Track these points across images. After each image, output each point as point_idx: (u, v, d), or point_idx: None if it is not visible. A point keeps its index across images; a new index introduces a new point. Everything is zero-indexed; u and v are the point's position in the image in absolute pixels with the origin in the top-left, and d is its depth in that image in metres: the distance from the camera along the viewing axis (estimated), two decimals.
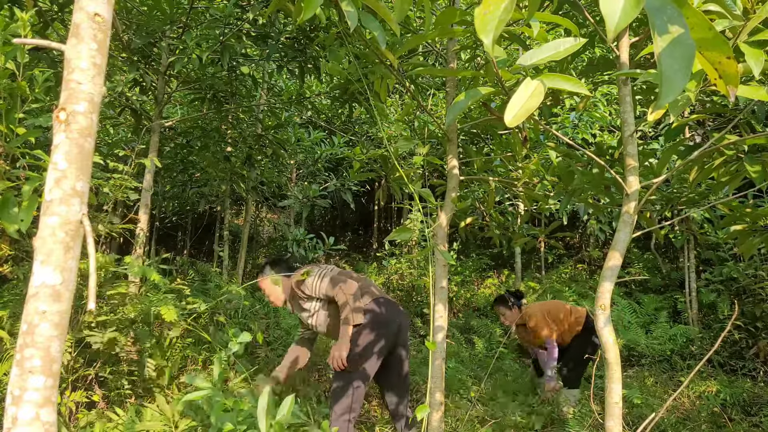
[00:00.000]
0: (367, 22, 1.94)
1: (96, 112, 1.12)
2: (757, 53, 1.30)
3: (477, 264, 8.56)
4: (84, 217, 1.08)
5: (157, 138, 4.20)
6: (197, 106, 5.08)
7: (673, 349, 5.45)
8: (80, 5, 1.12)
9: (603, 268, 1.60)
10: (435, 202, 2.16)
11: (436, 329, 2.36)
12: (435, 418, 2.31)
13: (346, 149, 7.47)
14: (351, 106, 3.85)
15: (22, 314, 1.02)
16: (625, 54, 1.73)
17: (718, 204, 2.21)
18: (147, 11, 3.92)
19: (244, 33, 3.96)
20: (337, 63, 3.05)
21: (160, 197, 7.81)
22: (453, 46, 2.69)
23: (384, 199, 3.25)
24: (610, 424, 1.54)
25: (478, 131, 3.90)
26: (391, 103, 8.30)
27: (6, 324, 2.58)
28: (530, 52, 1.43)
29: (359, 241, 12.43)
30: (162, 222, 9.71)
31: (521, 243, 3.73)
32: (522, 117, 1.27)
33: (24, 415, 0.98)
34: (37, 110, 2.84)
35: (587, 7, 2.72)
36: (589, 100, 5.80)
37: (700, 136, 5.94)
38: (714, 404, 4.04)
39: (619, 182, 1.67)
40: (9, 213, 2.03)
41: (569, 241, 9.73)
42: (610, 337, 1.56)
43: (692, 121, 2.99)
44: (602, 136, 6.64)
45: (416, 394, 4.14)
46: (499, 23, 1.10)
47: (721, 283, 6.06)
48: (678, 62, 0.95)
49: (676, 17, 0.95)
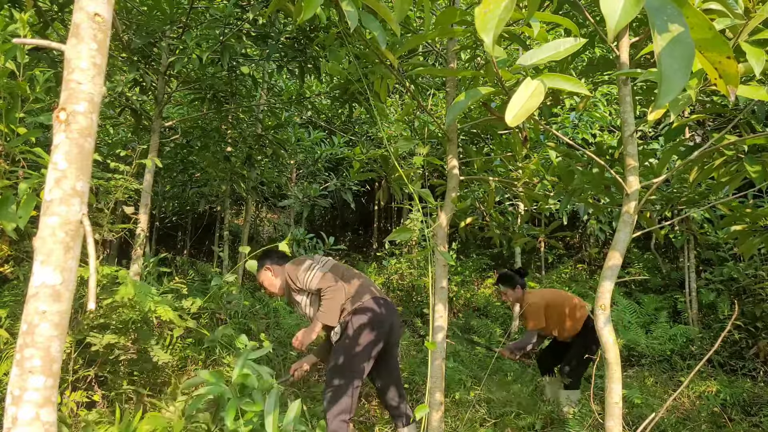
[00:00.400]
0: (367, 22, 1.94)
1: (96, 112, 1.12)
2: (759, 52, 1.30)
3: (477, 264, 8.56)
4: (84, 217, 1.08)
5: (157, 138, 4.20)
6: (197, 106, 5.08)
7: (673, 349, 5.45)
8: (80, 5, 1.12)
9: (603, 267, 1.60)
10: (435, 202, 2.16)
11: (436, 329, 2.36)
12: (435, 418, 2.31)
13: (346, 149, 7.47)
14: (351, 106, 3.85)
15: (22, 314, 1.02)
16: (625, 54, 1.73)
17: (718, 204, 2.21)
18: (147, 11, 3.92)
19: (244, 33, 3.96)
20: (337, 63, 3.05)
21: (160, 197, 7.81)
22: (453, 46, 2.69)
23: (384, 199, 3.25)
24: (610, 424, 1.54)
25: (478, 131, 3.90)
26: (391, 103, 8.30)
27: (5, 323, 2.58)
28: (530, 52, 1.43)
29: (359, 241, 12.43)
30: (162, 222, 9.71)
31: (521, 243, 3.73)
32: (522, 117, 1.27)
33: (24, 415, 0.98)
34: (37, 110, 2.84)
35: (587, 7, 2.72)
36: (589, 100, 5.80)
37: (700, 136, 5.94)
38: (714, 404, 4.04)
39: (619, 182, 1.67)
40: (7, 212, 2.03)
41: (569, 241, 9.74)
42: (610, 337, 1.56)
43: (692, 121, 2.99)
44: (602, 136, 6.64)
45: (416, 394, 4.14)
46: (499, 22, 1.10)
47: (721, 283, 6.07)
48: (678, 61, 0.95)
49: (676, 16, 0.95)
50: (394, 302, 7.25)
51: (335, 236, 7.65)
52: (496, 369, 4.95)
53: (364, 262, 9.43)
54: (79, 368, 2.68)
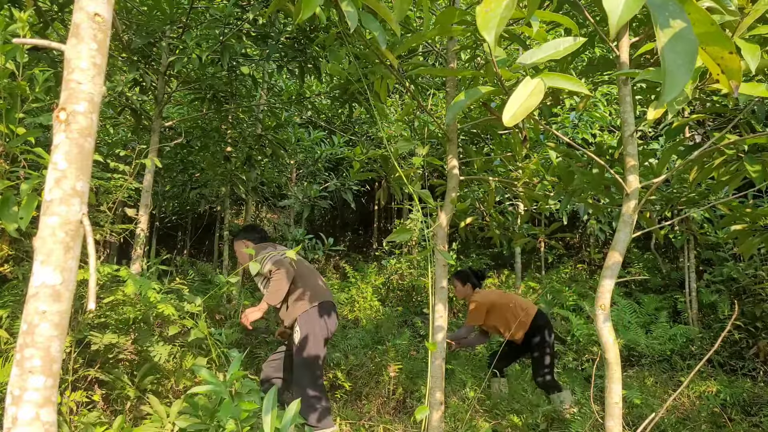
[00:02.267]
0: (367, 23, 1.94)
1: (96, 112, 1.12)
2: (754, 48, 1.30)
3: (477, 264, 8.56)
4: (84, 217, 1.08)
5: (157, 138, 4.20)
6: (197, 106, 5.08)
7: (673, 349, 5.45)
8: (80, 5, 1.12)
9: (603, 267, 1.60)
10: (434, 202, 2.16)
11: (436, 329, 2.36)
12: (435, 418, 2.30)
13: (346, 149, 7.47)
14: (351, 106, 3.85)
15: (22, 314, 1.02)
16: (625, 54, 1.73)
17: (718, 204, 2.21)
18: (147, 11, 3.92)
19: (244, 33, 3.95)
20: (337, 63, 3.05)
21: (160, 197, 7.81)
22: (453, 46, 2.69)
23: (384, 199, 3.25)
24: (610, 424, 1.54)
25: (478, 131, 3.90)
26: (391, 103, 8.30)
27: (5, 323, 2.58)
28: (530, 52, 1.42)
29: (359, 241, 12.42)
30: (162, 222, 9.71)
31: (521, 243, 3.72)
32: (521, 116, 1.27)
33: (24, 415, 0.98)
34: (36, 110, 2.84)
35: (587, 7, 2.72)
36: (589, 100, 5.80)
37: (700, 136, 5.94)
38: (714, 404, 4.04)
39: (619, 182, 1.67)
40: (8, 212, 2.03)
41: (569, 241, 9.73)
42: (609, 337, 1.56)
43: (692, 121, 2.98)
44: (602, 136, 6.64)
45: (416, 393, 4.14)
46: (500, 21, 1.10)
47: (721, 283, 6.06)
48: (681, 57, 0.95)
49: (678, 12, 0.95)
50: (394, 302, 7.27)
51: (335, 236, 7.66)
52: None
53: (364, 262, 9.42)
54: (79, 368, 2.68)
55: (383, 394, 4.04)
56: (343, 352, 4.92)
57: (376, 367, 4.45)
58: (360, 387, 4.21)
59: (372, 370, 4.45)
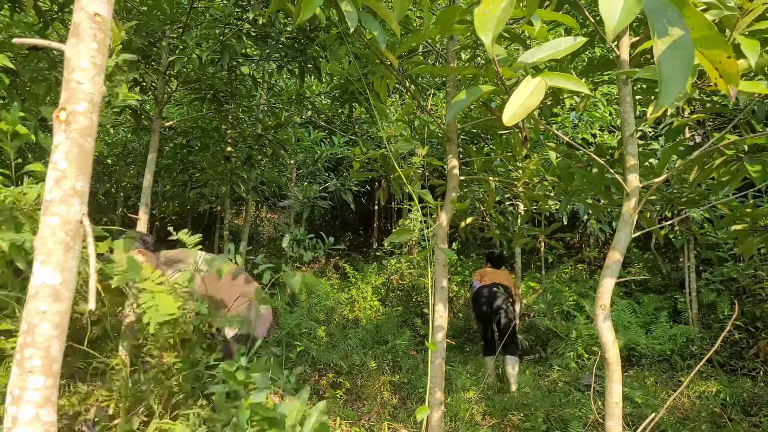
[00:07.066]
0: (367, 22, 1.94)
1: (96, 112, 1.12)
2: (753, 43, 1.29)
3: (477, 264, 8.55)
4: (84, 217, 1.08)
5: (157, 138, 4.20)
6: (197, 106, 5.08)
7: (673, 349, 5.45)
8: (80, 5, 1.12)
9: (603, 267, 1.60)
10: (434, 202, 2.16)
11: (436, 329, 2.36)
12: (435, 418, 2.30)
13: (346, 149, 7.47)
14: (351, 106, 3.85)
15: (22, 314, 1.02)
16: (625, 54, 1.73)
17: (718, 204, 2.21)
18: (147, 11, 3.92)
19: (244, 33, 3.95)
20: (337, 63, 3.05)
21: (160, 197, 7.80)
22: (453, 46, 2.69)
23: (384, 199, 3.25)
24: (610, 424, 1.54)
25: (478, 131, 3.90)
26: (391, 103, 8.29)
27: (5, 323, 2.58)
28: (531, 51, 1.42)
29: (359, 241, 12.42)
30: (162, 222, 9.71)
31: (521, 243, 3.72)
32: (521, 116, 1.27)
33: (24, 415, 0.98)
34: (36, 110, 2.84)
35: (587, 7, 2.72)
36: (589, 99, 5.79)
37: (700, 136, 5.94)
38: (714, 404, 4.04)
39: (619, 182, 1.67)
40: None
41: (569, 241, 9.73)
42: (609, 337, 1.56)
43: (692, 121, 2.98)
44: (602, 136, 6.63)
45: (416, 393, 4.14)
46: (498, 22, 1.10)
47: (721, 283, 6.06)
48: (677, 64, 0.95)
49: (676, 19, 0.94)
50: (394, 302, 7.26)
51: (335, 236, 7.65)
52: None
53: (365, 262, 9.42)
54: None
55: (383, 394, 4.04)
56: (343, 352, 4.92)
57: (377, 366, 4.45)
58: (360, 387, 4.21)
59: (372, 370, 4.45)
